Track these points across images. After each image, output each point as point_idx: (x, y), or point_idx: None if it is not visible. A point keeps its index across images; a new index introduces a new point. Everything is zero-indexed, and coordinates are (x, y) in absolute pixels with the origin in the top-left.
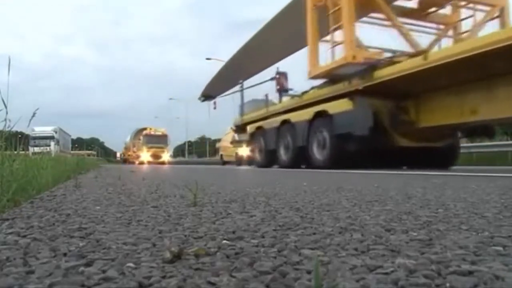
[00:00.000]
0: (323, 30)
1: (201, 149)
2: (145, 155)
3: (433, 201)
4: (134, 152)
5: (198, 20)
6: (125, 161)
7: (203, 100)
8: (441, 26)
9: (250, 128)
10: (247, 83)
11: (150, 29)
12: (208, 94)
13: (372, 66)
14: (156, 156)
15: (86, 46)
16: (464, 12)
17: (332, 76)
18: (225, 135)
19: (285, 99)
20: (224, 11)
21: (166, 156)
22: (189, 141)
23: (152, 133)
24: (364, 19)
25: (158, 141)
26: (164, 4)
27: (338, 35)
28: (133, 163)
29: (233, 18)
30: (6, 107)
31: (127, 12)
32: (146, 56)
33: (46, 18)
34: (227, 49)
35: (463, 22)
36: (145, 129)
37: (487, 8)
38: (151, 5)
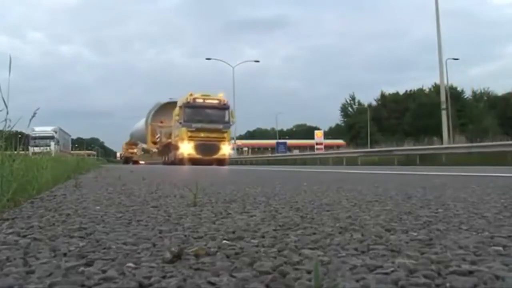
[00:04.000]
0: None
1: None
2: (186, 147)
3: (433, 201)
4: (155, 143)
5: (197, 20)
6: (126, 161)
7: None
8: None
9: None
10: None
11: (149, 29)
12: None
13: None
14: (208, 149)
15: (84, 45)
16: None
17: None
18: None
19: None
20: (223, 11)
21: (226, 149)
22: None
23: (200, 101)
24: None
25: (211, 117)
26: (164, 4)
27: None
28: (136, 162)
29: (233, 18)
30: (6, 107)
31: (126, 11)
32: (145, 56)
33: (44, 17)
34: (227, 49)
35: None
36: (179, 100)
37: None
38: (150, 4)
